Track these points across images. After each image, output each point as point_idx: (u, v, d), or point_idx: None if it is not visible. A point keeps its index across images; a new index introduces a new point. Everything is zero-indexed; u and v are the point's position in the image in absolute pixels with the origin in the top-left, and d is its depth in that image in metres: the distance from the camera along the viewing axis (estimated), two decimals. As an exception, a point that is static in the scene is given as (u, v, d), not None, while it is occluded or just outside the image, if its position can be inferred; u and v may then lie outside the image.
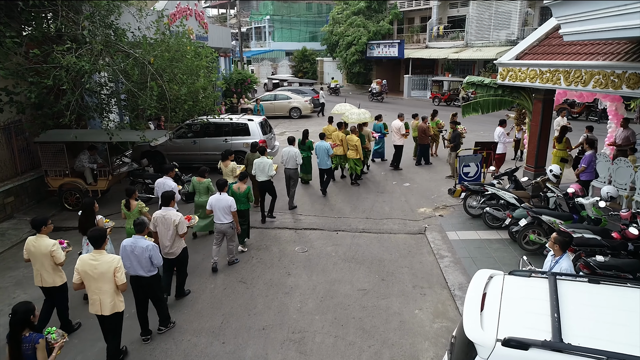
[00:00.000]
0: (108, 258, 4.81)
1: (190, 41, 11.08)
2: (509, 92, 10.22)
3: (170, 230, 6.13)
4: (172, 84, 9.56)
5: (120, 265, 4.83)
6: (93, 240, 4.81)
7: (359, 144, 11.17)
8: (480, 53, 28.91)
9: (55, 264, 5.45)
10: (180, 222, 6.13)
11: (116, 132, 9.24)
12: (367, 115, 12.78)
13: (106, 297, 4.80)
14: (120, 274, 4.80)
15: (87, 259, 4.80)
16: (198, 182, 8.21)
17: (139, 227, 5.41)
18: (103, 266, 4.74)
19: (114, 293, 4.84)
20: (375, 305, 6.43)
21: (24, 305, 3.84)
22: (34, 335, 3.79)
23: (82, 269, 4.78)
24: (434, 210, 10.09)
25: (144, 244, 5.28)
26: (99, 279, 4.76)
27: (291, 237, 8.84)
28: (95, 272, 4.74)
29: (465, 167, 10.70)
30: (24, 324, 3.78)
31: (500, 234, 8.62)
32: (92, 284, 4.79)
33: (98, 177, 10.27)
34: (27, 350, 3.73)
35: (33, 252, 5.42)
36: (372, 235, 8.85)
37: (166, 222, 6.14)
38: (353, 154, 11.33)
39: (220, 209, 7.16)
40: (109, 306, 4.83)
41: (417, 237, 8.81)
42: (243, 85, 24.61)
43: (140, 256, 5.27)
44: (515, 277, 3.93)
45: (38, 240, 5.42)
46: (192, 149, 13.06)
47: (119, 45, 9.69)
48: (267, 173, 9.09)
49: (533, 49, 9.79)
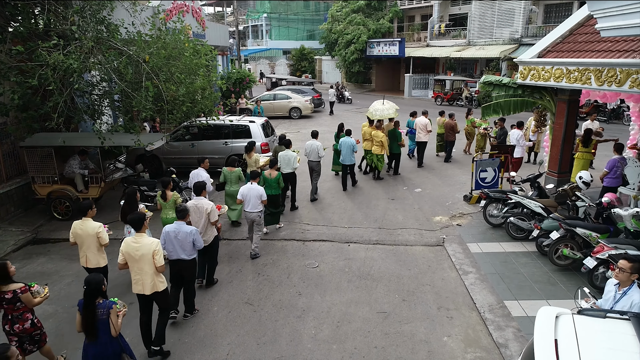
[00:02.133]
0: (148, 241, 5.06)
1: (188, 38, 10.36)
2: (530, 93, 9.58)
3: (202, 218, 6.46)
4: (169, 84, 8.84)
5: (159, 249, 5.07)
6: (133, 223, 5.14)
7: (384, 140, 11.22)
8: (483, 52, 28.31)
9: (101, 245, 5.87)
10: (212, 210, 6.46)
11: (108, 136, 8.52)
12: (391, 111, 12.33)
13: (147, 277, 5.06)
14: (158, 256, 5.03)
15: (130, 242, 5.09)
16: (229, 172, 8.66)
17: (181, 213, 5.73)
18: (144, 248, 5.01)
19: (153, 274, 5.08)
20: (398, 331, 5.77)
21: (95, 276, 4.23)
22: (107, 301, 4.22)
23: (126, 250, 5.07)
24: (450, 218, 9.44)
25: (187, 229, 5.63)
26: (140, 260, 5.03)
27: (299, 250, 8.15)
28: (137, 254, 5.01)
29: (482, 172, 10.05)
30: (97, 293, 4.17)
31: (526, 246, 7.98)
32: (134, 264, 5.08)
33: (89, 184, 9.54)
34: (102, 315, 4.15)
35: (80, 234, 5.81)
36: (387, 248, 8.18)
37: (198, 210, 6.46)
38: (378, 149, 11.37)
39: (252, 198, 7.52)
40: (149, 286, 5.09)
41: (435, 249, 8.15)
42: (242, 84, 23.87)
43: (183, 241, 5.60)
44: (587, 319, 3.26)
45: (84, 223, 5.83)
46: (190, 152, 12.33)
47: (111, 42, 8.95)
48: (292, 165, 9.50)
49: (556, 46, 9.16)
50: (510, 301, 6.28)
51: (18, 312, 4.60)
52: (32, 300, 4.63)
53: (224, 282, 7.05)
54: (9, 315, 4.60)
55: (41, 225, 9.39)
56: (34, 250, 8.45)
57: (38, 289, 4.77)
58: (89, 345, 4.19)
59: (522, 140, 11.12)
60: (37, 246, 8.64)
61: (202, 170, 8.34)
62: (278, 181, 8.33)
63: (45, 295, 4.81)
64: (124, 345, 4.41)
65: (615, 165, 8.59)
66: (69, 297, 6.71)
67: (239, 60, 32.52)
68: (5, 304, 4.52)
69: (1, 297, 4.48)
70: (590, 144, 9.93)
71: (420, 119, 13.16)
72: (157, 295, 5.18)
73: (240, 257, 7.89)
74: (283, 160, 9.41)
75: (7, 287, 4.50)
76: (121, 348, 4.33)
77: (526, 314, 5.96)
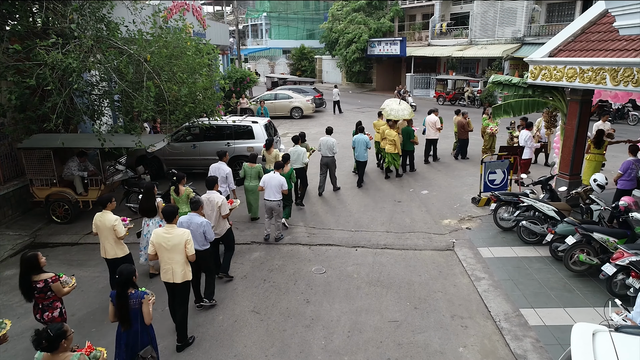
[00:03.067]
0: (179, 232, 5.23)
1: (189, 37, 10.11)
2: (540, 93, 9.34)
3: (214, 211, 6.63)
4: (171, 84, 8.60)
5: (190, 238, 5.23)
6: (166, 216, 5.28)
7: (397, 138, 11.33)
8: (485, 51, 28.08)
9: (117, 237, 6.00)
10: (222, 204, 6.60)
11: (108, 137, 8.28)
12: (406, 112, 12.54)
13: (178, 266, 5.23)
14: (190, 245, 5.21)
15: (161, 233, 5.24)
16: (249, 167, 8.88)
17: (194, 205, 5.89)
18: (175, 239, 5.18)
19: (184, 263, 5.25)
20: (411, 341, 5.54)
21: (127, 267, 4.40)
22: (139, 291, 4.36)
23: (157, 241, 5.22)
24: (459, 222, 9.21)
25: (199, 221, 5.78)
26: (172, 250, 5.18)
27: (306, 255, 7.92)
28: (169, 244, 5.17)
29: (491, 174, 9.83)
30: (129, 283, 4.30)
31: (538, 250, 7.76)
32: (165, 254, 5.23)
33: (89, 187, 9.29)
34: (135, 305, 4.29)
35: (99, 225, 6.01)
36: (396, 253, 7.96)
37: (210, 204, 6.62)
38: (391, 148, 11.44)
39: (272, 187, 7.88)
40: (180, 274, 5.26)
41: (445, 254, 7.93)
42: (242, 84, 23.63)
43: (195, 231, 5.69)
44: (627, 337, 3.04)
45: (103, 216, 6.01)
46: (191, 153, 12.09)
47: (111, 40, 8.71)
48: (302, 160, 9.75)
49: (568, 45, 8.92)
50: (527, 309, 6.06)
51: (48, 300, 4.75)
52: (61, 290, 4.76)
53: (229, 289, 6.82)
54: (39, 304, 4.75)
55: (39, 229, 9.15)
56: (32, 255, 8.19)
57: (66, 279, 4.90)
58: (123, 334, 4.35)
59: (530, 141, 10.91)
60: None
61: (222, 164, 8.49)
62: (290, 176, 8.62)
63: (72, 285, 4.93)
64: (152, 336, 4.55)
65: (629, 168, 8.37)
66: (68, 305, 6.45)
67: (239, 59, 32.29)
68: (36, 293, 4.66)
69: (33, 286, 4.62)
70: (603, 145, 9.72)
71: (430, 117, 13.29)
72: (186, 284, 5.37)
73: (245, 262, 7.66)
74: (293, 156, 9.61)
75: (39, 277, 4.63)
76: (150, 338, 4.47)
77: (544, 323, 5.74)
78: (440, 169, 13.08)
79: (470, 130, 13.72)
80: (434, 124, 13.18)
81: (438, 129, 13.28)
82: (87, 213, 9.58)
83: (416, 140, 12.26)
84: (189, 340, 5.51)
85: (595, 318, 5.80)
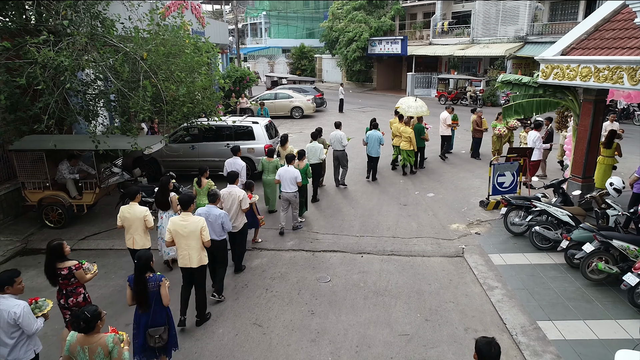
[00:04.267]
0: (195, 219, 5.49)
1: (188, 35, 9.76)
2: (552, 92, 9.02)
3: (234, 205, 6.78)
4: (169, 83, 8.25)
5: (205, 226, 5.49)
6: (182, 203, 5.51)
7: (412, 135, 11.54)
8: (487, 50, 27.78)
9: (147, 227, 6.28)
10: (243, 198, 6.78)
11: (103, 139, 7.92)
12: (424, 109, 12.89)
13: (194, 252, 5.49)
14: (205, 232, 5.48)
15: (178, 220, 5.48)
16: (267, 162, 9.18)
17: (213, 197, 6.14)
18: (191, 226, 5.42)
19: (200, 249, 5.52)
20: (424, 357, 5.21)
21: (145, 252, 4.58)
22: (157, 275, 4.55)
23: (174, 228, 5.45)
24: (467, 226, 8.89)
25: (217, 212, 6.05)
26: (188, 236, 5.43)
27: (309, 262, 7.59)
28: (185, 231, 5.41)
29: (500, 176, 9.50)
30: (146, 268, 4.46)
31: (552, 257, 7.43)
32: (182, 241, 5.46)
33: (83, 190, 8.95)
34: (153, 288, 4.47)
35: (128, 217, 6.23)
36: (404, 260, 7.63)
37: (231, 197, 6.79)
38: (407, 145, 11.62)
39: (288, 179, 8.23)
40: (196, 259, 5.52)
41: (455, 260, 7.60)
42: (242, 83, 23.27)
43: (213, 222, 6.00)
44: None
45: (132, 207, 6.28)
46: (190, 155, 11.76)
47: (106, 38, 8.35)
48: (319, 156, 9.96)
49: (581, 43, 8.60)
50: (544, 321, 5.74)
51: (72, 287, 4.93)
52: (84, 276, 4.94)
53: (230, 299, 6.48)
54: (63, 290, 4.94)
55: (32, 234, 8.80)
56: (24, 262, 7.85)
57: (88, 266, 5.07)
58: (142, 316, 4.52)
59: (539, 142, 10.57)
60: (27, 257, 8.06)
61: (237, 158, 8.77)
62: (306, 172, 8.78)
63: (94, 272, 5.09)
64: (169, 315, 4.70)
65: (645, 170, 8.06)
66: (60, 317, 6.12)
67: (238, 58, 31.94)
68: (60, 280, 4.86)
69: (58, 273, 4.82)
70: (612, 146, 9.40)
71: (442, 113, 13.73)
72: (202, 268, 5.62)
73: (246, 270, 7.32)
74: (310, 151, 9.83)
75: (63, 264, 4.83)
76: (167, 319, 4.63)
77: (564, 337, 5.42)
78: (446, 170, 12.76)
79: (485, 130, 13.60)
80: (444, 121, 13.53)
81: (448, 126, 13.56)
82: (81, 218, 9.24)
83: (427, 137, 12.46)
84: (207, 315, 5.95)
85: (618, 331, 5.49)
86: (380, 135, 11.40)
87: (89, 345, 3.59)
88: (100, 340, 3.61)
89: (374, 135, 11.35)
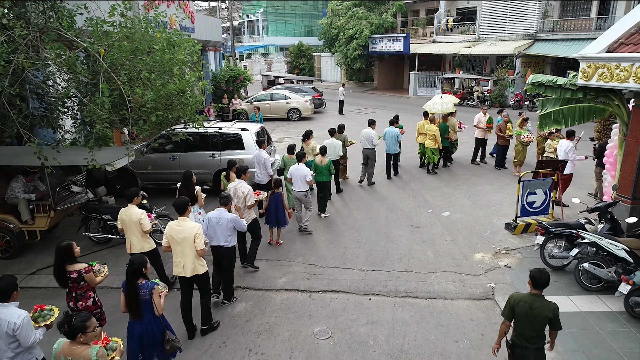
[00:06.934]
0: (190, 225, 5.18)
1: (165, 29, 8.26)
2: (593, 96, 7.61)
3: (240, 200, 6.67)
4: (135, 86, 6.80)
5: (199, 233, 5.16)
6: (177, 208, 5.23)
7: (437, 133, 11.32)
8: (495, 48, 26.32)
9: (143, 231, 5.96)
10: (248, 194, 6.67)
11: (52, 154, 6.45)
12: (450, 105, 12.58)
13: (188, 260, 5.18)
14: (199, 240, 5.12)
15: (173, 225, 5.21)
16: (288, 159, 9.04)
17: (224, 200, 5.90)
18: (185, 232, 5.12)
19: (194, 257, 5.19)
20: None
21: (139, 257, 4.39)
22: (149, 282, 4.36)
23: (169, 233, 5.19)
24: (494, 256, 7.47)
25: (228, 216, 5.80)
26: (182, 243, 5.13)
27: (305, 307, 6.15)
28: (179, 237, 5.12)
29: (530, 194, 8.09)
30: (138, 274, 4.27)
31: (606, 302, 6.02)
32: (177, 247, 5.18)
33: (35, 213, 7.50)
34: (145, 295, 4.27)
35: (125, 220, 5.96)
36: (421, 304, 6.19)
37: (237, 192, 6.70)
38: (431, 143, 11.41)
39: (299, 178, 8.08)
40: (189, 268, 5.21)
41: (485, 305, 6.17)
42: (235, 83, 21.80)
43: (224, 227, 5.77)
44: None
45: (129, 210, 5.97)
46: (170, 166, 10.30)
47: (60, 31, 6.89)
48: (337, 153, 9.90)
49: (632, 37, 7.19)
50: (616, 405, 4.32)
51: (82, 290, 4.76)
52: (94, 279, 4.78)
53: (202, 365, 5.06)
54: (73, 293, 4.77)
55: (-27, 266, 7.35)
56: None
57: (99, 268, 4.91)
58: (134, 324, 4.33)
59: (572, 153, 9.11)
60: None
61: (262, 151, 8.81)
62: (329, 168, 8.79)
63: (105, 274, 4.93)
64: (166, 324, 4.49)
65: None
66: None
67: (233, 56, 30.48)
68: (70, 283, 4.70)
69: (67, 276, 4.66)
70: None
71: (477, 115, 12.85)
72: (197, 278, 5.32)
73: (225, 318, 5.88)
74: (329, 148, 9.59)
75: (73, 267, 4.67)
76: (164, 326, 4.42)
77: None
78: (460, 182, 11.33)
79: (510, 137, 11.88)
80: (477, 123, 12.59)
81: (482, 129, 12.53)
82: (33, 246, 7.79)
83: (451, 136, 12.10)
84: (214, 324, 5.63)
85: None
86: (397, 132, 11.26)
87: (72, 356, 3.46)
88: (83, 352, 3.45)
89: (391, 132, 11.22)
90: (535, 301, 3.99)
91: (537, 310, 3.94)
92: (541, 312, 3.94)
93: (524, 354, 4.04)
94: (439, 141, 11.41)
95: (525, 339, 4.01)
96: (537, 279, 4.01)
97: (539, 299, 4.01)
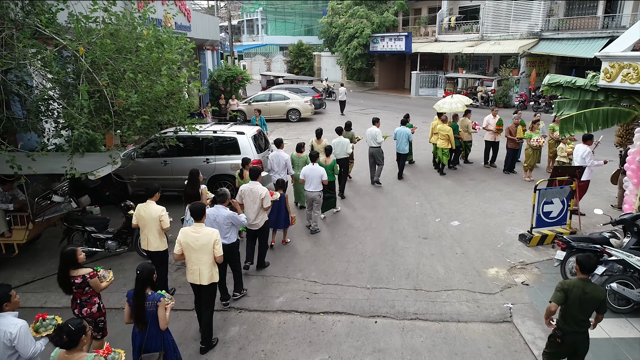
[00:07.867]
0: (208, 231, 5.03)
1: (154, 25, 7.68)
2: (617, 98, 7.05)
3: (256, 203, 6.49)
4: (120, 88, 6.23)
5: (219, 239, 5.04)
6: (194, 214, 5.08)
7: (451, 133, 11.17)
8: (499, 47, 25.75)
9: (162, 228, 5.83)
10: (266, 196, 6.46)
11: (27, 162, 5.88)
12: (459, 105, 12.54)
13: (205, 267, 5.00)
14: (219, 246, 5.00)
15: (189, 232, 5.02)
16: (297, 157, 8.99)
17: (221, 197, 5.78)
18: (204, 238, 4.96)
19: (211, 264, 5.04)
20: None
21: (148, 265, 4.23)
22: (156, 294, 4.17)
23: (184, 240, 4.99)
24: (509, 272, 6.90)
25: (225, 213, 5.70)
26: (200, 250, 4.96)
27: (304, 332, 5.59)
28: (197, 244, 4.95)
29: (547, 204, 7.53)
30: (147, 282, 4.13)
31: (636, 325, 5.46)
32: (193, 254, 5.00)
33: (12, 226, 6.93)
34: (150, 307, 4.09)
35: (143, 216, 5.81)
36: (433, 327, 5.63)
37: (253, 195, 6.49)
38: (444, 143, 11.26)
39: (313, 178, 7.94)
40: (207, 276, 5.03)
41: (502, 329, 5.61)
42: (233, 83, 21.22)
43: (222, 224, 5.68)
44: None
45: (148, 206, 5.83)
46: (162, 172, 9.72)
47: (38, 28, 6.32)
48: (345, 151, 9.82)
49: (659, 34, 6.62)
50: None
51: (86, 296, 4.66)
52: (99, 285, 4.68)
53: None
54: (77, 299, 4.66)
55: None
56: None
57: (104, 274, 4.80)
58: (138, 335, 4.18)
59: (589, 158, 8.54)
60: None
61: (280, 151, 8.67)
62: (333, 168, 8.64)
63: (110, 279, 4.82)
64: (168, 341, 4.28)
65: None
66: None
67: (231, 56, 29.90)
68: (75, 289, 4.59)
69: (71, 281, 4.55)
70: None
71: (486, 117, 12.45)
72: (206, 287, 5.08)
73: (219, 347, 5.32)
74: (337, 147, 9.62)
75: (77, 272, 4.58)
76: (164, 344, 4.19)
77: None
78: (468, 188, 10.76)
79: (520, 140, 11.31)
80: (486, 125, 12.18)
81: (491, 131, 12.02)
82: (11, 261, 7.22)
83: (461, 136, 11.98)
84: (213, 342, 5.29)
85: None
86: (408, 131, 11.13)
87: None
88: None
89: (403, 131, 11.10)
90: (587, 285, 4.06)
91: (589, 294, 4.01)
92: (594, 295, 4.01)
93: (575, 339, 4.14)
94: (452, 141, 11.20)
95: (576, 322, 4.10)
96: (584, 263, 4.09)
97: (589, 284, 4.09)
